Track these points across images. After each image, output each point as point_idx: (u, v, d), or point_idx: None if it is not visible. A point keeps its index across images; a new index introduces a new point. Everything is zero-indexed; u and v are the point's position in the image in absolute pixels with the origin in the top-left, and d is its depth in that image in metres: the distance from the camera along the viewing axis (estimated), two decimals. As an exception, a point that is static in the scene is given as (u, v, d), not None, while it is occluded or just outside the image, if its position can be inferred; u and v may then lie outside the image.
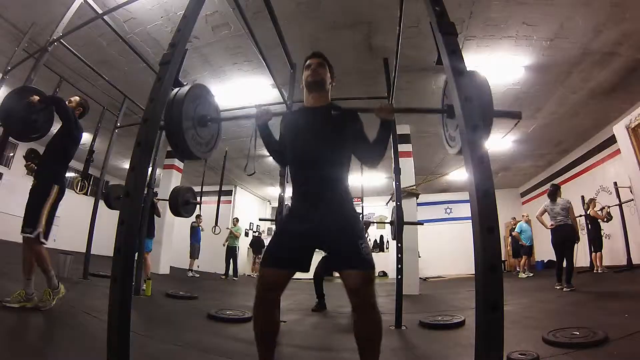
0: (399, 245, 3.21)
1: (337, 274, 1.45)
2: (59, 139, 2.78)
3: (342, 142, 1.55)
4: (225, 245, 8.81)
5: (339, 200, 1.48)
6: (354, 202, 1.61)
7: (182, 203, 4.74)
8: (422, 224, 4.84)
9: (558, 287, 4.58)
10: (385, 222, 4.69)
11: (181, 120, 1.50)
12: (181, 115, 1.50)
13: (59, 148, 2.78)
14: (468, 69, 1.16)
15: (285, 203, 3.07)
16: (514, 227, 8.65)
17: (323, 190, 1.47)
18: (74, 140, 2.83)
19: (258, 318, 1.39)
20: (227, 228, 8.91)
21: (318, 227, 1.41)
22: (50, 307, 2.55)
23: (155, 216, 5.15)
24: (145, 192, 4.23)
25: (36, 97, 2.62)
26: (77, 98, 3.01)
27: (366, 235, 1.55)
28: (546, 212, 5.00)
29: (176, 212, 4.72)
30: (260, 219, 6.45)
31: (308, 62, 1.69)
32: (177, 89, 1.55)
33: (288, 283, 1.42)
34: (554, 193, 4.99)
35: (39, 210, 2.54)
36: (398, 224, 3.29)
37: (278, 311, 1.48)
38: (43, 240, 2.53)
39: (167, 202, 4.94)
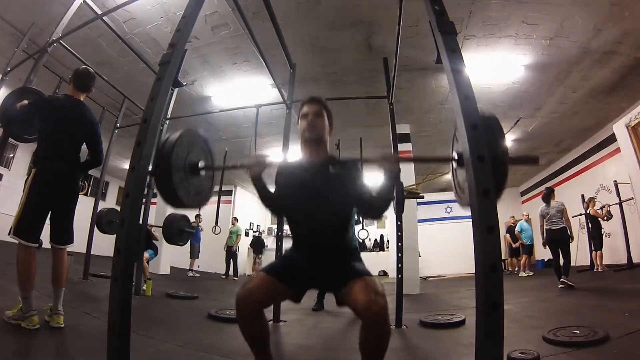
0: (399, 244, 3.21)
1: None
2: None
3: (344, 198, 1.47)
4: (226, 246, 8.82)
5: (343, 257, 1.42)
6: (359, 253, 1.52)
7: (177, 232, 4.77)
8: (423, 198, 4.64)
9: (560, 286, 4.58)
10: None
11: (170, 166, 1.37)
12: (170, 160, 1.38)
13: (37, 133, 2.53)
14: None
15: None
16: (512, 225, 8.65)
17: (325, 249, 1.43)
18: (41, 118, 2.42)
19: (245, 328, 1.32)
20: (231, 233, 8.95)
21: (318, 279, 1.41)
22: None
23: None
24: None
25: (25, 102, 2.46)
26: None
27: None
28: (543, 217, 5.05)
29: (170, 240, 4.77)
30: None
31: (305, 109, 1.57)
32: (168, 135, 1.46)
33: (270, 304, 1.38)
34: (548, 196, 5.06)
35: None
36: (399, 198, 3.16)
37: (264, 315, 1.36)
38: (12, 236, 2.16)
39: (161, 229, 4.90)
